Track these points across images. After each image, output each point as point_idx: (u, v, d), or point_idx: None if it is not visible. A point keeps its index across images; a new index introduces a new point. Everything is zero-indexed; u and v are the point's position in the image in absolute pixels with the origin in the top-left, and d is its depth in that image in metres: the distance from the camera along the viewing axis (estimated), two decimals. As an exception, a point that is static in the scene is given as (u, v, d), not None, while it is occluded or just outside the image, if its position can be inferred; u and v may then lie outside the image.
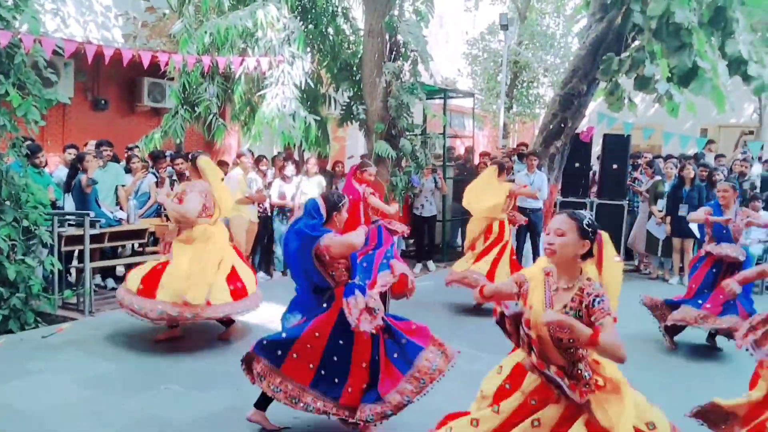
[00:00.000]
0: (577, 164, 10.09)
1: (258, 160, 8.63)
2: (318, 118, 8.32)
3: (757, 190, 9.09)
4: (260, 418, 3.84)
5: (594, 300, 2.40)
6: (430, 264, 9.72)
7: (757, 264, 8.46)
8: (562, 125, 9.75)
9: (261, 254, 8.55)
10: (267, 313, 5.79)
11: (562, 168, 10.05)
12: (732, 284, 3.97)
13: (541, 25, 16.37)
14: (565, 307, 2.46)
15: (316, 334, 3.65)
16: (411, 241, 10.83)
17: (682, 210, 8.41)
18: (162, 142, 8.32)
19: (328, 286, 3.72)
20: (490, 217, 7.06)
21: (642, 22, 8.04)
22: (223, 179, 5.81)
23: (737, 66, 8.65)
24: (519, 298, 2.64)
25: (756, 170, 9.83)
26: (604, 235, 2.59)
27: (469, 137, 11.95)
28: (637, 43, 8.96)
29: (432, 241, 9.98)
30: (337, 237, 3.64)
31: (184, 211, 5.23)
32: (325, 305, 3.72)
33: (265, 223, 8.25)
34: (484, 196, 7.06)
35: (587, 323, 2.37)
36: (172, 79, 8.92)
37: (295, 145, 7.80)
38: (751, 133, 12.29)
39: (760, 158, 10.34)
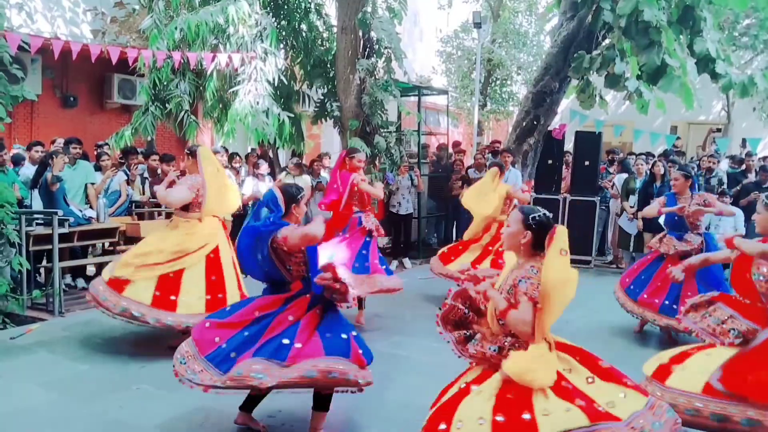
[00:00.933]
0: (549, 161, 10.18)
1: (231, 158, 8.56)
2: (292, 115, 8.26)
3: (725, 186, 9.29)
4: (246, 419, 3.78)
5: (519, 280, 2.70)
6: (406, 261, 9.74)
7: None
8: (535, 122, 9.85)
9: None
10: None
11: (535, 165, 10.16)
12: (675, 271, 4.08)
13: (514, 24, 16.51)
14: (505, 284, 2.81)
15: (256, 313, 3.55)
16: (387, 238, 10.86)
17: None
18: (132, 139, 8.19)
19: (284, 280, 3.62)
20: (489, 219, 7.11)
21: (612, 21, 8.16)
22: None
23: (705, 64, 8.84)
24: None
25: (723, 166, 10.04)
26: (558, 229, 2.70)
27: (443, 134, 12.00)
28: (607, 41, 9.10)
29: (408, 238, 10.00)
30: (296, 229, 3.52)
31: (169, 198, 5.12)
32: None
33: (240, 221, 8.16)
34: (485, 199, 7.10)
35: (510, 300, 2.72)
36: (142, 75, 8.79)
37: (268, 143, 7.75)
38: (719, 130, 12.57)
39: (726, 155, 10.58)
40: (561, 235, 2.67)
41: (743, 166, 9.85)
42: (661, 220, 8.09)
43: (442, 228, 11.26)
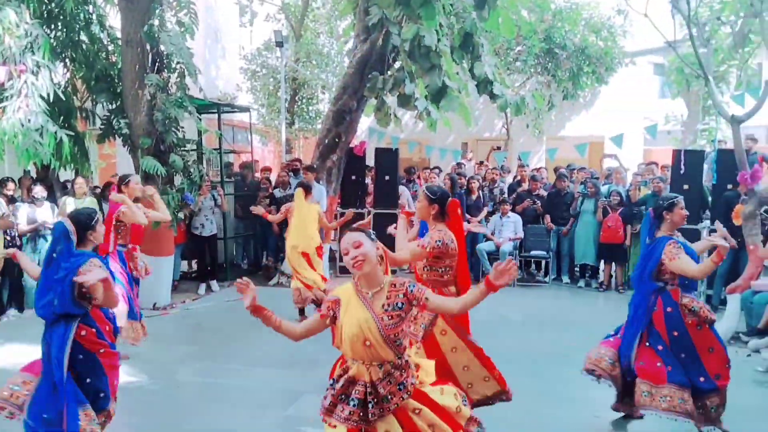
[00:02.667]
0: (353, 176, 10.54)
1: (2, 183, 7.61)
2: (72, 133, 7.55)
3: (505, 195, 10.35)
4: None
5: (408, 287, 2.78)
6: (214, 284, 9.40)
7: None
8: (337, 140, 10.13)
9: (10, 288, 7.54)
10: (12, 356, 5.10)
11: (339, 180, 10.42)
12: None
13: (317, 44, 16.88)
14: (383, 306, 2.74)
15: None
16: (188, 262, 10.39)
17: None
18: None
19: (82, 312, 3.46)
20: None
21: (399, 44, 8.68)
22: None
23: (485, 86, 9.78)
24: (333, 322, 2.82)
25: (508, 179, 11.22)
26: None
27: (248, 152, 11.83)
28: (398, 63, 9.67)
29: (215, 260, 9.66)
30: (99, 284, 3.35)
31: None
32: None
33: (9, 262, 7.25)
34: (306, 224, 7.13)
35: (410, 305, 2.77)
36: None
37: (43, 165, 6.99)
38: (498, 148, 14.00)
39: (503, 168, 11.79)
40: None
41: (518, 177, 11.07)
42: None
43: (251, 248, 11.07)
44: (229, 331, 6.97)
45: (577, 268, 10.14)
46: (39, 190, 7.34)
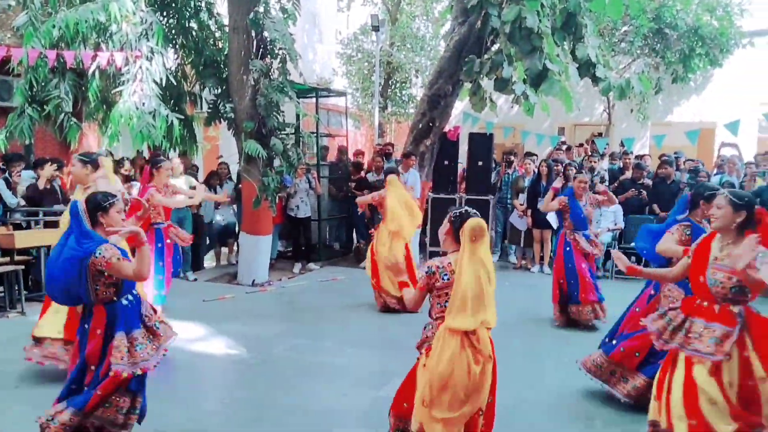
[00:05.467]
0: (446, 162, 10.46)
1: (118, 163, 8.17)
2: (181, 116, 7.97)
3: (606, 183, 9.91)
4: None
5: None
6: (311, 265, 9.69)
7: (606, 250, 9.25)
8: (431, 124, 10.07)
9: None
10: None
11: (432, 165, 10.38)
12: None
13: (412, 28, 16.81)
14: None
15: (92, 367, 3.33)
16: (287, 241, 10.74)
17: (540, 204, 8.98)
18: (7, 143, 7.60)
19: (87, 302, 3.37)
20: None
21: (498, 26, 8.47)
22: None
23: (587, 68, 9.35)
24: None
25: (604, 165, 10.72)
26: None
27: (344, 136, 12.02)
28: (495, 46, 9.45)
29: (309, 241, 9.95)
30: (123, 263, 3.30)
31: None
32: (86, 326, 3.37)
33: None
34: (410, 212, 7.22)
35: None
36: (18, 75, 8.18)
37: (155, 146, 7.42)
38: (600, 135, 13.41)
39: (605, 154, 11.27)
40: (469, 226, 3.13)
41: (621, 163, 10.55)
42: (550, 218, 8.55)
43: (343, 230, 11.28)
44: (322, 310, 7.16)
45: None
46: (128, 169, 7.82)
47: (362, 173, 10.49)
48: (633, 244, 9.38)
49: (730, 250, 3.15)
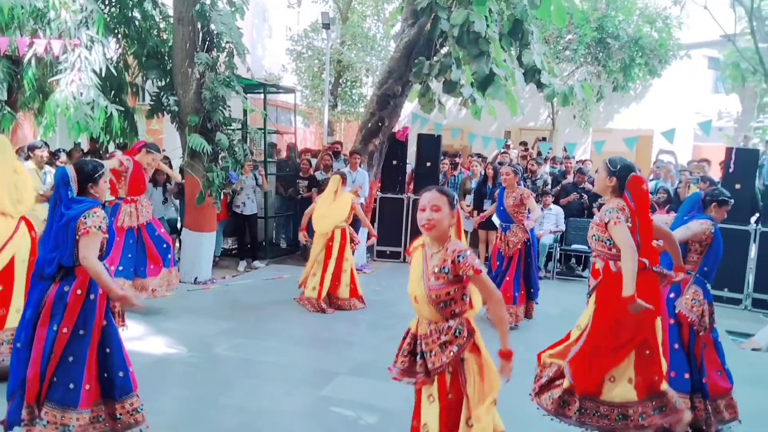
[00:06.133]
0: (394, 162, 10.51)
1: (54, 155, 7.85)
2: (122, 108, 7.71)
3: (548, 187, 10.17)
4: None
5: (458, 256, 2.74)
6: (256, 263, 9.55)
7: (548, 251, 9.50)
8: (380, 124, 10.10)
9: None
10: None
11: (381, 165, 10.41)
12: None
13: (362, 27, 16.83)
14: (435, 266, 2.80)
15: (64, 330, 3.23)
16: (232, 239, 10.56)
17: (486, 205, 9.14)
18: (-68, 131, 7.20)
19: (73, 266, 3.30)
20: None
21: (447, 30, 8.57)
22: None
23: (532, 74, 9.59)
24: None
25: (545, 169, 10.99)
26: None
27: (292, 133, 11.90)
28: (445, 49, 9.55)
29: (255, 239, 9.80)
30: (91, 243, 3.24)
31: None
32: (65, 288, 3.27)
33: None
34: (331, 210, 7.19)
35: (455, 276, 2.75)
36: (-53, 60, 7.76)
37: (98, 138, 7.16)
38: (544, 139, 13.78)
39: (548, 158, 11.56)
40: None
41: (563, 168, 10.84)
42: (495, 219, 8.71)
43: (290, 228, 11.17)
44: (266, 309, 7.07)
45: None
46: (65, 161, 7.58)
47: (311, 171, 10.43)
48: (573, 246, 9.75)
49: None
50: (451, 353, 2.74)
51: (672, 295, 4.11)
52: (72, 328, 3.24)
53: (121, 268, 6.06)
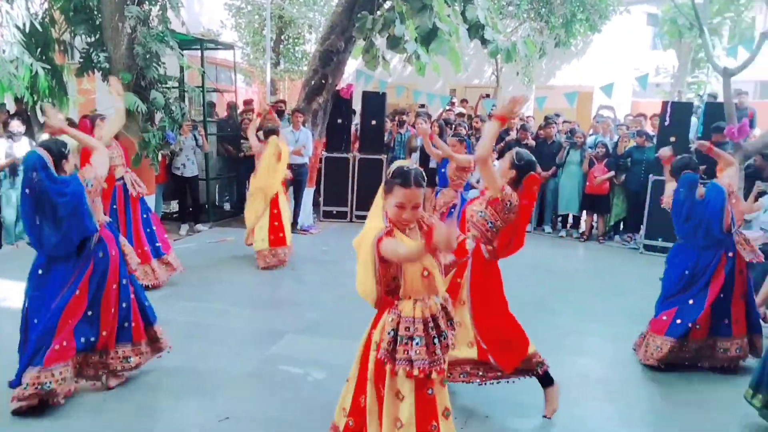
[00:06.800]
0: (339, 120, 10.37)
1: (-24, 116, 7.39)
2: (48, 66, 7.28)
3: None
4: None
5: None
6: (199, 226, 9.34)
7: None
8: (323, 81, 9.90)
9: (-12, 224, 7.43)
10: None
11: (325, 124, 10.25)
12: None
13: (304, -20, 16.31)
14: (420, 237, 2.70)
15: (77, 292, 3.64)
16: (173, 202, 10.29)
17: (432, 164, 9.16)
18: None
19: (95, 230, 3.71)
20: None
21: (390, -18, 8.39)
22: None
23: (476, 30, 9.53)
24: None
25: (490, 125, 11.07)
26: None
27: (232, 91, 11.55)
28: (388, 3, 9.37)
29: (196, 201, 9.57)
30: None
31: None
32: (101, 254, 3.76)
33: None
34: (272, 175, 7.09)
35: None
36: None
37: (17, 98, 6.75)
38: (488, 96, 13.83)
39: (491, 115, 11.63)
40: None
41: (506, 125, 10.94)
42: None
43: (234, 190, 10.95)
44: (211, 272, 6.96)
45: (559, 218, 10.21)
46: (16, 125, 7.11)
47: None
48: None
49: None
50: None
51: (731, 254, 4.51)
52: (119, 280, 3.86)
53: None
